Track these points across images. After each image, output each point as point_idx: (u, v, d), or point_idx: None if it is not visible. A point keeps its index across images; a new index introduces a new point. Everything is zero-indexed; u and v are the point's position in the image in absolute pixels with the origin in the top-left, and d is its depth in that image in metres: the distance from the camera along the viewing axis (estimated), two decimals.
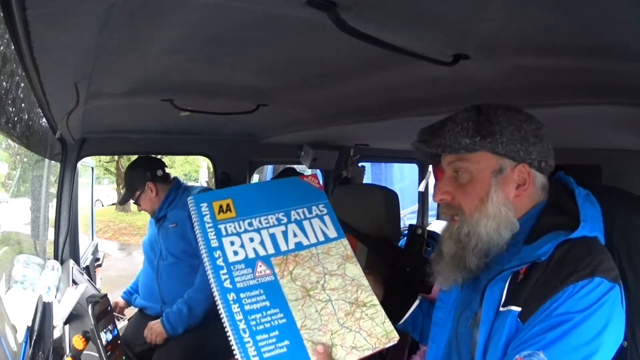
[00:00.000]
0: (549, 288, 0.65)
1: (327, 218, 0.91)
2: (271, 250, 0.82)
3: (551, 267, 0.66)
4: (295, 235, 0.85)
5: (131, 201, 1.83)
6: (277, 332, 0.75)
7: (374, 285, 0.97)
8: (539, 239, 0.70)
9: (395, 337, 0.79)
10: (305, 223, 0.88)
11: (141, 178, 1.80)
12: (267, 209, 0.86)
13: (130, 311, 1.93)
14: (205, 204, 0.82)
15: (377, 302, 0.82)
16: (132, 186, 1.81)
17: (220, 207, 0.83)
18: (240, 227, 0.82)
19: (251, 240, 0.82)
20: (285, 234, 0.84)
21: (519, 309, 0.66)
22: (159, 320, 1.63)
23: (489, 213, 0.74)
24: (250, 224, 0.83)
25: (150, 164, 1.84)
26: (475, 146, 0.74)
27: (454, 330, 0.80)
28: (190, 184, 2.13)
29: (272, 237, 0.83)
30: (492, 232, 0.74)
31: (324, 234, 0.88)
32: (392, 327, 0.80)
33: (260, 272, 0.79)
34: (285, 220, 0.86)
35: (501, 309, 0.69)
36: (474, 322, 0.74)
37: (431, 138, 0.78)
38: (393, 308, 0.98)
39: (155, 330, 1.61)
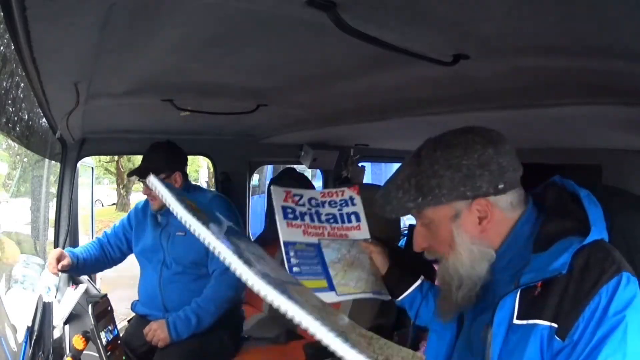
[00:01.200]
0: (580, 297, 0.64)
1: None
2: None
3: (576, 277, 0.66)
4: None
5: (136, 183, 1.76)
6: None
7: (379, 256, 1.10)
8: (550, 246, 0.69)
9: None
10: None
11: (172, 165, 1.67)
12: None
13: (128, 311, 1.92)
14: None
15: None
16: (158, 168, 1.64)
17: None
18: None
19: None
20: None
21: (547, 323, 0.66)
22: (163, 321, 1.57)
23: (461, 255, 0.76)
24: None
25: (183, 155, 1.73)
26: (420, 207, 0.75)
27: (466, 329, 0.82)
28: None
29: None
30: (469, 270, 0.76)
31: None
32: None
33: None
34: None
35: (517, 322, 0.68)
36: (486, 331, 0.74)
37: (382, 205, 0.80)
38: (394, 283, 1.08)
39: (158, 334, 1.56)
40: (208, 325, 1.60)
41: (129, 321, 1.86)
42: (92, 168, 3.40)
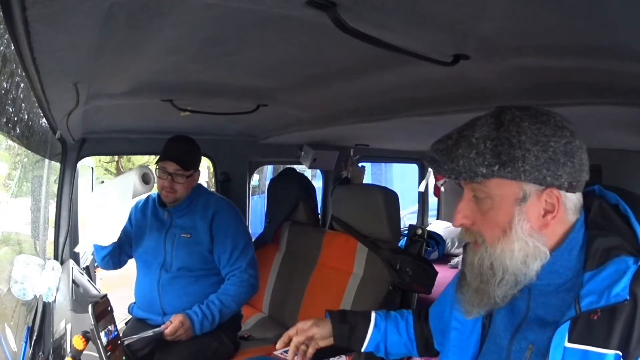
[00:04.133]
0: None
1: None
2: None
3: None
4: None
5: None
6: None
7: (319, 339, 0.95)
8: (602, 264, 0.65)
9: None
10: None
11: (198, 162, 1.67)
12: None
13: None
14: None
15: None
16: (192, 162, 1.62)
17: None
18: None
19: None
20: None
21: (614, 352, 0.61)
22: (187, 320, 1.54)
23: (513, 245, 0.67)
24: None
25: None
26: (493, 175, 0.65)
27: (498, 341, 0.75)
28: None
29: None
30: (520, 264, 0.67)
31: None
32: None
33: None
34: None
35: (570, 345, 0.64)
36: (529, 354, 0.69)
37: (443, 160, 0.69)
38: (348, 341, 0.96)
39: (181, 334, 1.53)
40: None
41: (126, 323, 1.85)
42: (92, 168, 3.40)
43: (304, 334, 0.93)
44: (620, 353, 0.61)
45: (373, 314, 0.98)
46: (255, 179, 4.86)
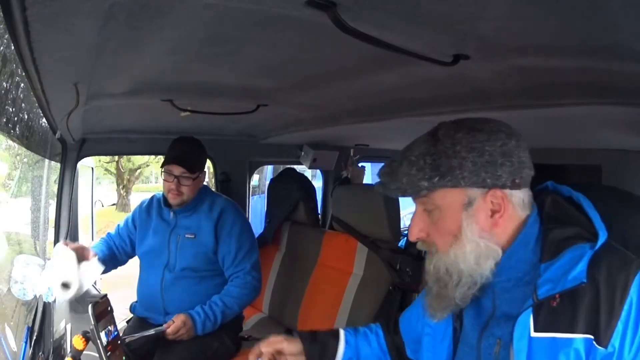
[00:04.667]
0: (615, 302, 0.63)
1: None
2: None
3: (604, 282, 0.64)
4: None
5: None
6: None
7: (292, 355, 0.94)
8: (558, 254, 0.68)
9: None
10: None
11: (204, 164, 1.68)
12: None
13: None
14: None
15: None
16: (198, 165, 1.64)
17: None
18: None
19: None
20: None
21: (583, 336, 0.64)
22: (188, 321, 1.54)
23: (465, 248, 0.70)
24: None
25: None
26: (435, 186, 0.70)
27: (470, 341, 0.78)
28: None
29: None
30: (473, 265, 0.71)
31: None
32: None
33: None
34: None
35: (536, 334, 0.66)
36: (498, 348, 0.72)
37: (388, 182, 0.74)
38: (320, 358, 0.96)
39: (183, 334, 1.53)
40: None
41: (127, 322, 1.85)
42: (92, 168, 3.40)
43: (272, 346, 0.94)
44: (591, 337, 0.63)
45: (342, 331, 0.98)
46: (255, 179, 4.86)
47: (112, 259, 1.76)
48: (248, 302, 1.69)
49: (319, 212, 2.54)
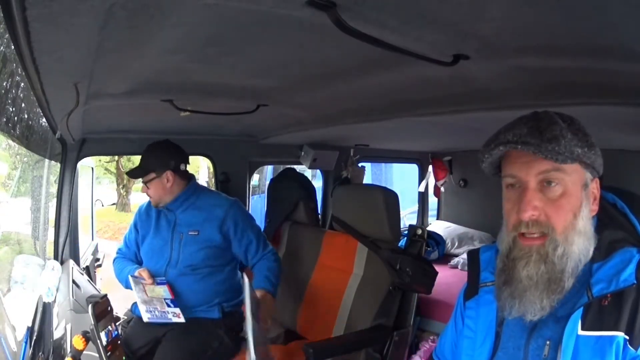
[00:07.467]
0: None
1: None
2: None
3: None
4: None
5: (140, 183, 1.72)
6: None
7: None
8: (608, 256, 0.69)
9: None
10: None
11: (163, 164, 1.68)
12: None
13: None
14: None
15: None
16: (149, 166, 1.68)
17: None
18: None
19: None
20: None
21: (622, 334, 0.64)
22: (265, 293, 1.61)
23: (579, 230, 0.69)
24: None
25: (178, 154, 1.74)
26: (582, 157, 0.68)
27: (510, 345, 0.76)
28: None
29: None
30: (584, 251, 0.69)
31: None
32: None
33: None
34: None
35: (584, 333, 0.67)
36: (548, 350, 0.71)
37: (540, 142, 0.67)
38: None
39: (271, 308, 1.61)
40: None
41: (128, 322, 1.85)
42: (92, 168, 3.40)
43: None
44: (627, 337, 0.64)
45: None
46: (255, 179, 4.86)
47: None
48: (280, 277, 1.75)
49: (319, 212, 2.54)
